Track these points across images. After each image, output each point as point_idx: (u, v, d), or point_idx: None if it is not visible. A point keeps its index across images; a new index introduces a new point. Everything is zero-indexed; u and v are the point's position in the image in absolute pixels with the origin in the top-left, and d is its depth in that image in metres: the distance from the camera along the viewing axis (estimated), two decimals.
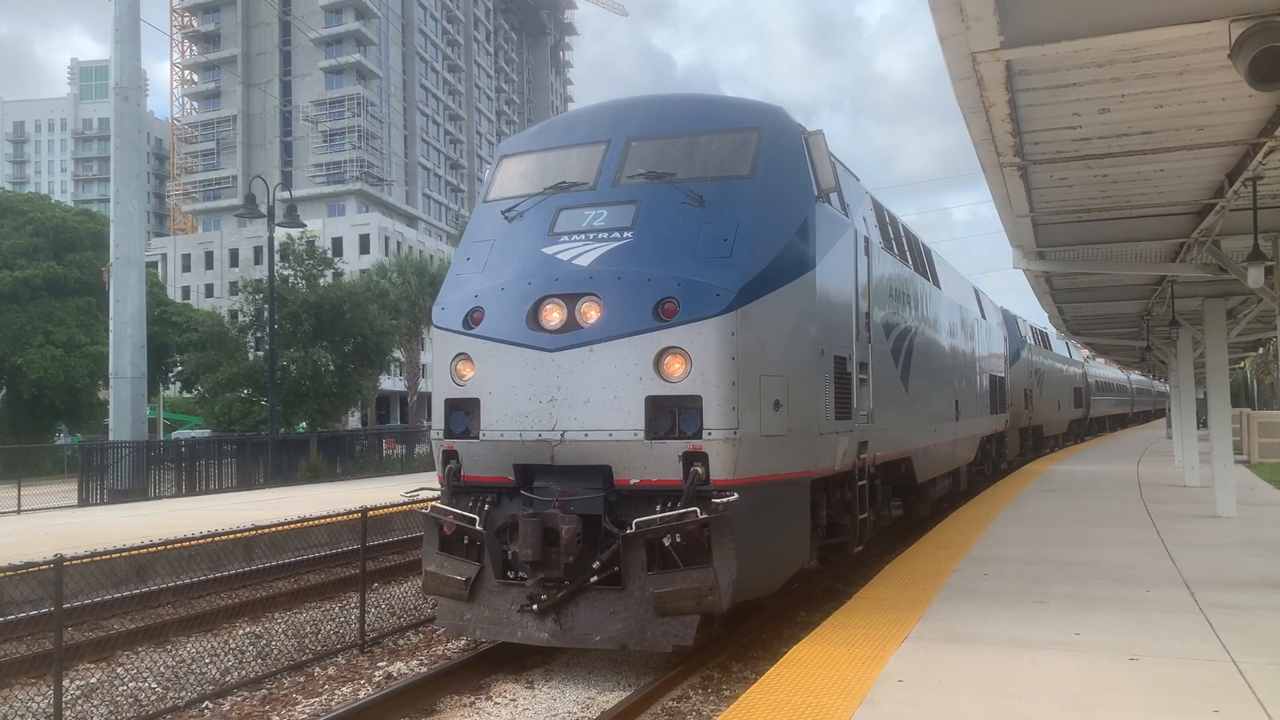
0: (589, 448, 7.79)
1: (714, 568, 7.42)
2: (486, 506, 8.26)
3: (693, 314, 7.59)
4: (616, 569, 7.69)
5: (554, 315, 7.97)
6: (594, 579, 7.72)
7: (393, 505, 9.01)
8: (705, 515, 7.39)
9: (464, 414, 8.41)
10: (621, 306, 7.76)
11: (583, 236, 8.30)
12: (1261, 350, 40.57)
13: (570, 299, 7.95)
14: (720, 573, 7.41)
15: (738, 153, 8.63)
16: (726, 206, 8.19)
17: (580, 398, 7.78)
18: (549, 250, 8.34)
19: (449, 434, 8.49)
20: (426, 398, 52.36)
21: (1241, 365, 54.85)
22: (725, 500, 7.42)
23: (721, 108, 9.29)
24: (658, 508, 7.60)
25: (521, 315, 8.07)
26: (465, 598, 8.12)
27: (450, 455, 8.48)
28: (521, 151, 9.74)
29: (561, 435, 7.85)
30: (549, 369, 7.89)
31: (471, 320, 8.37)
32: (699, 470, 7.52)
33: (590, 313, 7.86)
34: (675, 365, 7.59)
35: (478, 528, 8.11)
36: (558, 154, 9.32)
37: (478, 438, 8.25)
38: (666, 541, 7.51)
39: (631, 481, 7.74)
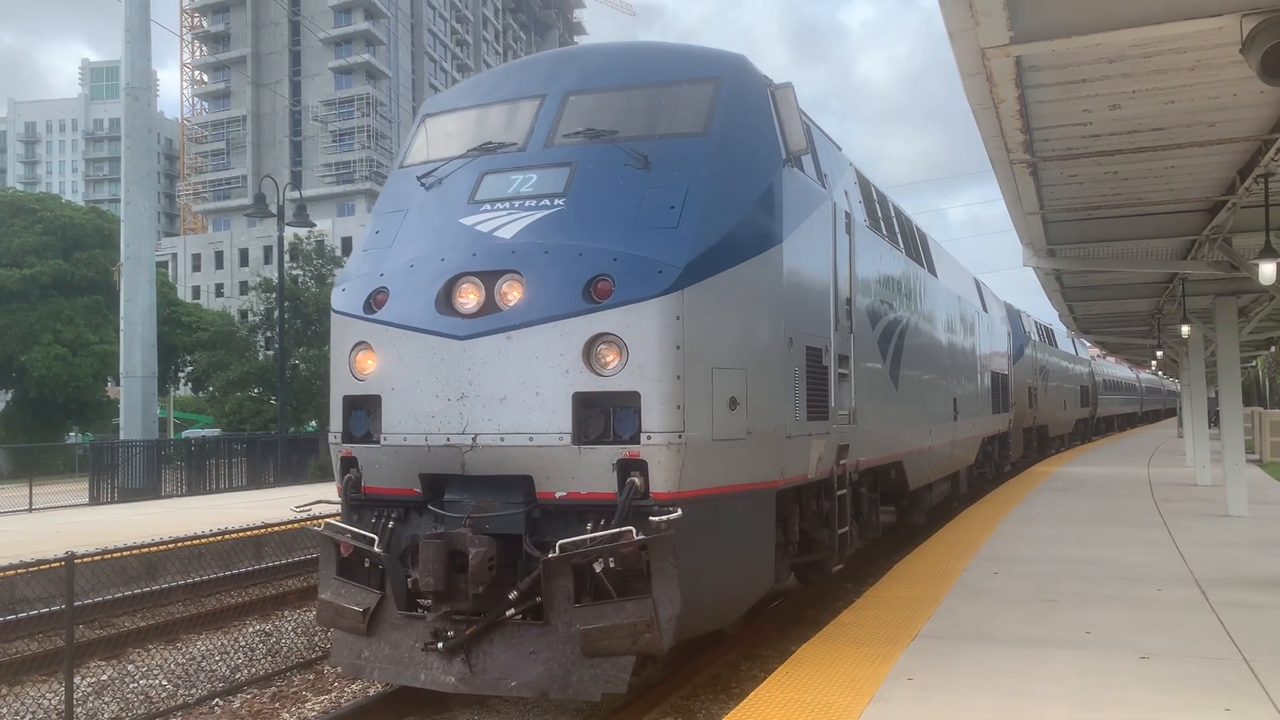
0: (505, 454, 6.54)
1: (653, 599, 6.19)
2: (390, 524, 6.97)
3: (630, 294, 6.36)
4: (538, 600, 6.42)
5: (470, 297, 6.75)
6: (511, 612, 6.46)
7: None
8: (643, 536, 6.14)
9: (364, 414, 7.14)
10: (546, 286, 6.56)
11: (507, 205, 7.08)
12: (1274, 348, 40.33)
13: (489, 277, 6.73)
14: (660, 605, 6.17)
15: (691, 107, 7.39)
16: (675, 169, 6.98)
17: (495, 394, 6.55)
18: (468, 221, 7.13)
19: (348, 437, 7.19)
20: None
21: (1253, 364, 54.59)
22: (667, 517, 6.17)
23: (675, 57, 8.00)
24: (588, 526, 6.36)
25: (431, 297, 6.83)
26: (363, 631, 6.83)
27: (349, 462, 7.19)
28: (446, 110, 8.45)
29: (473, 439, 6.59)
30: (459, 360, 6.64)
31: (374, 303, 7.12)
32: (636, 481, 6.29)
33: (511, 293, 6.64)
34: (608, 355, 6.38)
35: (377, 549, 6.83)
36: (485, 111, 8.09)
37: (378, 442, 6.99)
38: (597, 567, 6.29)
39: (557, 495, 6.50)
